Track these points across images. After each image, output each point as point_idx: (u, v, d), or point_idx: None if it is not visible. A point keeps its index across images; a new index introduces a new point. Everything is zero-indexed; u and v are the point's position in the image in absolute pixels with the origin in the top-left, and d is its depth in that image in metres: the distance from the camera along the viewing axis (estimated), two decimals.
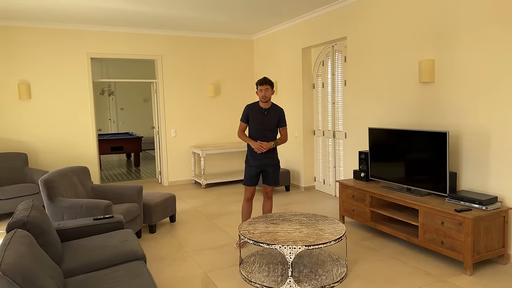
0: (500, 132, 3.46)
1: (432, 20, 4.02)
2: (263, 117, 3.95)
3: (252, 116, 3.97)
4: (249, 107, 4.00)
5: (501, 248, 3.37)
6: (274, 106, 4.03)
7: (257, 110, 3.97)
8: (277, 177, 4.08)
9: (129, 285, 2.30)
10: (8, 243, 2.08)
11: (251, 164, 4.01)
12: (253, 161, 4.00)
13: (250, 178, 4.00)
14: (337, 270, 3.29)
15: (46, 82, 6.19)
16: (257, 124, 3.96)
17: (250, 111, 3.98)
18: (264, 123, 3.95)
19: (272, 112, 3.98)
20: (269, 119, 3.96)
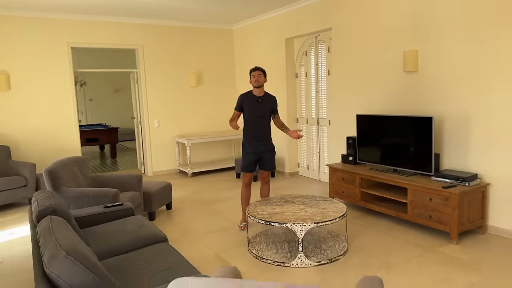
0: (479, 116, 3.84)
1: (416, 12, 4.34)
2: (258, 105, 4.09)
3: (247, 105, 4.09)
4: (243, 96, 4.13)
5: (480, 220, 3.77)
6: (267, 94, 4.19)
7: (251, 99, 4.10)
8: (273, 162, 4.26)
9: (164, 263, 2.44)
10: (53, 228, 2.15)
11: (248, 151, 4.14)
12: (250, 148, 4.14)
13: (249, 164, 4.15)
14: (339, 245, 3.56)
15: (26, 72, 6.02)
16: (251, 112, 4.08)
17: (245, 100, 4.10)
18: (258, 111, 4.09)
19: (266, 100, 4.14)
20: (263, 107, 4.11)
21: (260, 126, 4.11)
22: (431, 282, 2.92)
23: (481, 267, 3.13)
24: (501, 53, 3.61)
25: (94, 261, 1.98)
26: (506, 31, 3.55)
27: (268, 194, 4.34)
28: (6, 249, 3.85)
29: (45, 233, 2.14)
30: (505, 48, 3.58)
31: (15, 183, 5.15)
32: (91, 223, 3.26)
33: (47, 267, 1.81)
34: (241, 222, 4.19)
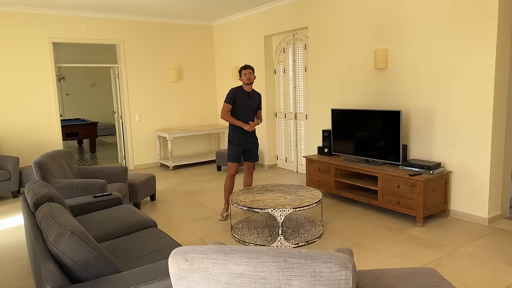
0: (441, 110, 4.20)
1: (385, 13, 4.66)
2: (249, 100, 4.31)
3: (239, 99, 4.28)
4: (236, 91, 4.30)
5: (443, 204, 4.14)
6: (254, 90, 4.41)
7: (243, 94, 4.30)
8: (257, 153, 4.51)
9: (157, 245, 2.66)
10: (53, 213, 2.33)
11: (236, 143, 4.35)
12: (238, 140, 4.34)
13: (236, 155, 4.35)
14: (315, 229, 3.86)
15: (7, 67, 6.03)
16: (243, 106, 4.29)
17: (237, 94, 4.28)
18: (249, 105, 4.32)
19: (254, 96, 4.38)
20: (253, 102, 4.35)
21: (249, 120, 4.33)
22: (397, 258, 3.24)
23: (442, 245, 3.48)
24: (459, 51, 3.97)
25: (95, 241, 2.18)
26: (463, 31, 3.91)
27: (251, 184, 4.55)
28: None
29: (46, 217, 2.31)
30: (463, 47, 3.93)
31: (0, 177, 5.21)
32: (82, 212, 3.43)
33: (53, 246, 2.00)
34: (223, 212, 4.41)
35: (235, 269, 1.42)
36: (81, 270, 2.00)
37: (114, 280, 1.97)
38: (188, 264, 1.47)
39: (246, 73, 4.24)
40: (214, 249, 1.46)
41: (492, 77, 3.76)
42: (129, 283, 1.92)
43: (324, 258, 1.37)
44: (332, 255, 1.38)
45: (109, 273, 2.06)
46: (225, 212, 4.39)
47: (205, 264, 1.45)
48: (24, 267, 3.30)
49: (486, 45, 3.76)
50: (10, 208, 5.04)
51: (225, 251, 1.45)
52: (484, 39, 3.77)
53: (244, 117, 4.31)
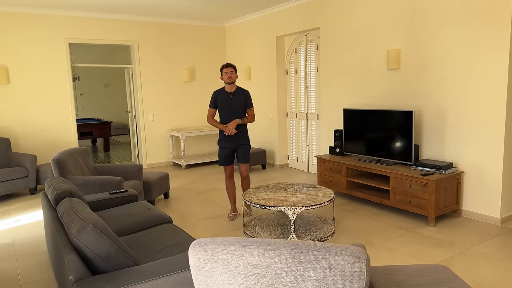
0: (454, 110, 4.21)
1: (398, 13, 4.68)
2: (230, 101, 4.16)
3: (220, 101, 4.18)
4: (216, 93, 4.22)
5: (455, 204, 4.15)
6: (240, 89, 4.23)
7: (224, 95, 4.18)
8: (247, 155, 4.28)
9: (173, 240, 2.73)
10: (75, 207, 2.42)
11: (223, 146, 4.27)
12: (224, 143, 4.26)
13: (224, 158, 4.28)
14: (327, 228, 3.90)
15: (25, 66, 6.19)
16: (224, 107, 4.17)
17: (218, 96, 4.20)
18: (230, 106, 4.17)
19: (237, 95, 4.18)
20: (235, 102, 4.17)
21: (229, 121, 4.18)
22: (409, 257, 3.26)
23: (454, 244, 3.49)
24: (472, 51, 3.97)
25: (115, 235, 2.26)
26: (476, 31, 3.91)
27: (248, 187, 4.36)
28: (15, 234, 4.07)
29: (68, 211, 2.40)
30: (476, 47, 3.94)
31: (17, 174, 5.34)
32: (99, 208, 3.52)
33: (76, 238, 2.08)
34: (230, 213, 4.37)
35: (253, 260, 1.48)
36: (101, 262, 2.07)
37: (133, 272, 2.04)
38: (207, 255, 1.53)
39: (227, 72, 4.10)
40: (232, 241, 1.52)
41: (506, 77, 3.76)
42: (148, 275, 1.99)
43: (339, 250, 1.41)
44: (347, 248, 1.43)
45: (128, 265, 2.13)
46: (232, 212, 4.37)
47: (224, 255, 1.51)
48: (43, 261, 3.40)
49: (500, 46, 3.76)
50: (28, 204, 5.17)
51: (243, 243, 1.50)
52: (498, 40, 3.77)
53: (227, 119, 4.19)
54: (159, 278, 1.98)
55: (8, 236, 4.02)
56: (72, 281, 1.96)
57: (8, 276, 3.14)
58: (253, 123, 7.57)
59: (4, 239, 3.92)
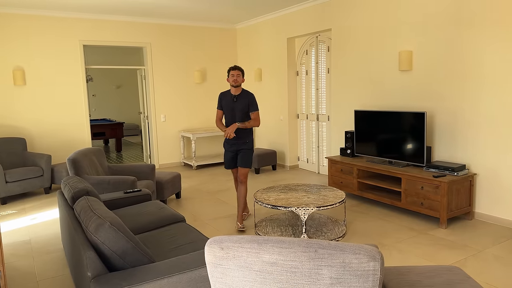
0: (467, 112, 4.19)
1: (410, 15, 4.67)
2: (233, 104, 4.11)
3: (224, 103, 4.16)
4: (222, 95, 4.20)
5: (468, 207, 4.13)
6: (244, 92, 4.15)
7: (228, 97, 4.15)
8: (247, 159, 4.13)
9: (186, 238, 2.77)
10: (91, 205, 2.47)
11: (226, 149, 4.24)
12: (227, 146, 4.22)
13: (228, 161, 4.24)
14: (338, 229, 3.91)
15: (41, 68, 6.31)
16: (227, 110, 4.15)
17: (223, 98, 4.18)
18: (233, 109, 4.11)
19: (241, 99, 4.10)
20: (238, 106, 4.10)
21: (231, 123, 4.14)
22: (421, 258, 3.26)
23: (467, 247, 3.48)
24: (486, 52, 3.95)
25: (131, 233, 2.31)
26: (490, 31, 3.89)
27: (243, 195, 4.15)
28: (31, 232, 4.16)
29: (85, 209, 2.46)
30: (490, 48, 3.92)
31: (32, 173, 5.45)
32: (113, 206, 3.59)
33: (94, 235, 2.14)
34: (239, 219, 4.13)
35: (268, 258, 1.51)
36: (118, 259, 2.12)
37: (149, 269, 2.08)
38: (223, 252, 1.57)
39: (233, 74, 4.04)
40: (248, 239, 1.55)
41: None
42: (163, 272, 2.03)
43: (354, 249, 1.44)
44: (361, 247, 1.45)
45: (144, 262, 2.18)
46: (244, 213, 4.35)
47: (240, 252, 1.54)
48: (59, 258, 3.47)
49: None
50: (43, 203, 5.27)
51: (258, 241, 1.53)
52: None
53: (230, 122, 4.17)
54: (174, 276, 2.02)
55: (24, 234, 4.11)
56: (89, 277, 2.01)
57: (26, 272, 3.21)
58: (264, 124, 7.60)
59: (21, 237, 4.01)
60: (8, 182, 5.19)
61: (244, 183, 4.13)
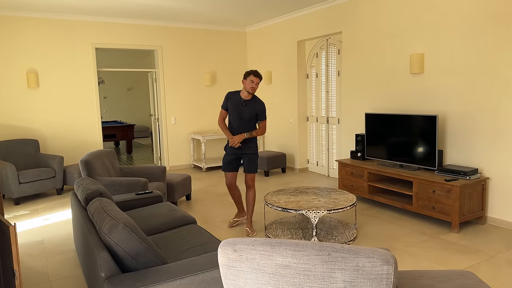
0: (479, 116, 4.15)
1: (421, 17, 4.65)
2: (241, 108, 3.95)
3: (231, 105, 3.97)
4: (231, 94, 4.01)
5: (480, 211, 4.08)
6: (255, 98, 3.98)
7: (237, 100, 3.96)
8: (252, 164, 4.05)
9: (198, 240, 2.79)
10: (105, 207, 2.50)
11: (227, 152, 4.10)
12: (229, 149, 4.09)
13: (226, 164, 4.10)
14: (348, 232, 3.89)
15: (54, 71, 6.40)
16: (234, 113, 3.98)
17: (230, 99, 3.98)
18: (240, 113, 3.96)
19: (251, 105, 3.95)
20: (246, 111, 3.95)
21: (240, 129, 4.00)
22: (433, 263, 3.23)
23: (479, 251, 3.44)
24: (499, 55, 3.91)
25: (144, 234, 2.33)
26: (503, 34, 3.85)
27: (253, 200, 4.08)
28: (44, 232, 4.21)
29: (99, 210, 2.49)
30: (502, 50, 3.88)
31: (45, 174, 5.52)
32: (125, 208, 3.62)
33: (108, 236, 2.16)
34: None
35: (281, 261, 1.51)
36: (131, 260, 2.15)
37: (161, 270, 2.10)
38: (236, 254, 1.58)
39: (253, 81, 3.86)
40: (261, 241, 1.56)
41: None
42: (175, 274, 2.05)
43: (367, 253, 1.44)
44: (375, 250, 1.45)
45: (157, 264, 2.20)
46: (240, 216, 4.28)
47: (253, 255, 1.55)
48: (72, 258, 3.51)
49: None
50: (55, 204, 5.34)
51: (272, 244, 1.54)
52: None
53: (234, 124, 4.02)
54: (186, 277, 2.03)
55: (37, 234, 4.16)
56: (103, 278, 2.03)
57: (39, 272, 3.26)
58: (273, 126, 7.61)
59: (34, 237, 4.06)
60: (21, 183, 5.27)
61: (252, 187, 4.07)
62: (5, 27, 6.00)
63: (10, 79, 6.09)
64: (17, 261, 2.16)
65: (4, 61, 6.04)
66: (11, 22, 6.03)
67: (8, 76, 6.08)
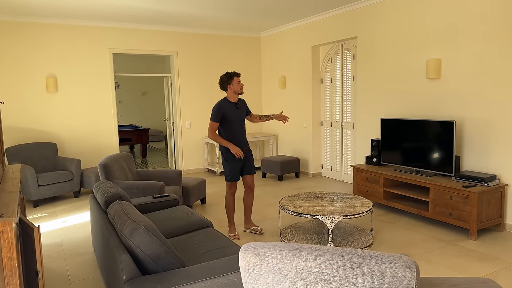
0: (498, 121, 4.10)
1: (438, 22, 4.63)
2: (237, 111, 3.97)
3: (229, 114, 3.91)
4: (223, 105, 3.91)
5: (498, 218, 4.02)
6: (239, 98, 4.07)
7: (230, 106, 3.93)
8: (254, 165, 4.17)
9: (215, 244, 2.81)
10: (125, 210, 2.55)
11: (235, 160, 3.98)
12: (234, 157, 3.96)
13: (237, 174, 4.03)
14: (364, 238, 3.88)
15: (72, 75, 6.54)
16: (234, 119, 3.94)
17: (225, 109, 3.90)
18: (239, 117, 3.99)
19: (241, 105, 4.05)
20: (241, 112, 4.03)
21: (242, 132, 4.05)
22: (450, 270, 3.20)
23: (498, 259, 3.39)
24: None
25: (164, 237, 2.36)
26: None
27: (252, 202, 4.21)
28: (62, 234, 4.29)
29: (119, 213, 2.53)
30: None
31: (63, 177, 5.63)
32: (143, 211, 3.67)
33: (129, 239, 2.20)
34: (233, 232, 4.11)
35: (302, 265, 1.53)
36: (151, 262, 2.18)
37: (180, 273, 2.13)
38: (258, 258, 1.59)
39: (239, 81, 3.92)
40: (282, 246, 1.58)
41: None
42: (195, 276, 2.08)
43: (389, 259, 1.44)
44: (397, 256, 1.45)
45: (176, 267, 2.23)
46: (235, 231, 4.13)
47: (274, 259, 1.56)
48: (90, 260, 3.57)
49: None
50: (73, 206, 5.43)
51: (293, 248, 1.56)
52: None
53: (237, 130, 4.00)
54: (205, 280, 2.06)
55: (56, 236, 4.24)
56: (124, 280, 2.07)
57: (59, 274, 3.32)
58: (287, 131, 7.63)
59: (53, 239, 4.14)
60: (40, 186, 5.38)
61: (253, 190, 4.18)
62: (26, 33, 6.15)
63: (30, 83, 6.24)
64: (41, 262, 2.21)
65: (24, 66, 6.19)
66: (32, 28, 6.18)
67: (28, 81, 6.22)
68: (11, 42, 6.08)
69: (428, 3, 4.72)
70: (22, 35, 6.14)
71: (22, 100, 6.21)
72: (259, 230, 4.20)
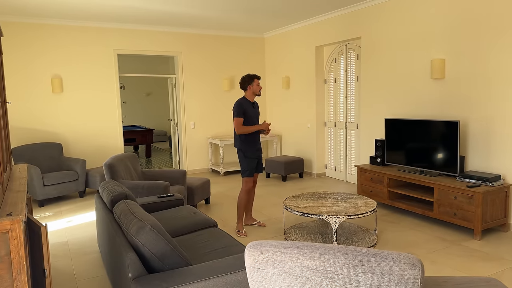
0: (502, 121, 4.09)
1: (442, 23, 4.62)
2: (253, 110, 4.18)
3: (247, 111, 4.10)
4: (243, 103, 4.10)
5: (503, 218, 4.02)
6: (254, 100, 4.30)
7: (249, 105, 4.14)
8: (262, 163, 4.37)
9: (220, 243, 2.83)
10: (131, 209, 2.57)
11: (252, 157, 4.16)
12: (253, 154, 4.17)
13: (252, 169, 4.19)
14: (368, 238, 3.88)
15: (77, 76, 6.58)
16: (251, 117, 4.14)
17: (245, 107, 4.10)
18: (255, 116, 4.21)
19: (256, 105, 4.28)
20: (256, 112, 4.25)
21: (257, 131, 4.22)
22: (455, 270, 3.20)
23: (503, 259, 3.39)
24: None
25: (169, 236, 2.38)
26: None
27: (253, 197, 4.48)
28: (68, 234, 4.32)
29: (125, 212, 2.55)
30: None
31: (68, 177, 5.66)
32: (148, 210, 3.69)
33: (135, 238, 2.22)
34: (240, 229, 4.18)
35: (308, 263, 1.54)
36: (157, 261, 2.20)
37: (186, 272, 2.15)
38: (263, 256, 1.61)
39: (259, 83, 4.17)
40: (287, 244, 1.59)
41: None
42: (200, 275, 2.09)
43: (394, 257, 1.45)
44: (402, 255, 1.46)
45: (181, 265, 2.24)
46: (243, 228, 4.20)
47: (279, 257, 1.58)
48: (96, 259, 3.60)
49: None
50: (78, 206, 5.47)
51: (298, 246, 1.57)
52: None
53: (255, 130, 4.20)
54: (211, 279, 2.07)
55: (62, 235, 4.27)
56: (130, 278, 2.09)
57: (65, 273, 3.35)
58: (291, 131, 7.64)
59: (59, 238, 4.17)
60: (45, 186, 5.42)
61: (255, 186, 4.42)
62: (31, 34, 6.20)
63: (36, 84, 6.29)
64: (48, 260, 2.24)
65: (30, 67, 6.24)
66: (37, 29, 6.23)
67: (34, 82, 6.27)
68: (17, 43, 6.13)
69: (432, 3, 4.73)
70: (29, 36, 6.19)
71: (28, 101, 6.25)
72: (261, 223, 4.40)
